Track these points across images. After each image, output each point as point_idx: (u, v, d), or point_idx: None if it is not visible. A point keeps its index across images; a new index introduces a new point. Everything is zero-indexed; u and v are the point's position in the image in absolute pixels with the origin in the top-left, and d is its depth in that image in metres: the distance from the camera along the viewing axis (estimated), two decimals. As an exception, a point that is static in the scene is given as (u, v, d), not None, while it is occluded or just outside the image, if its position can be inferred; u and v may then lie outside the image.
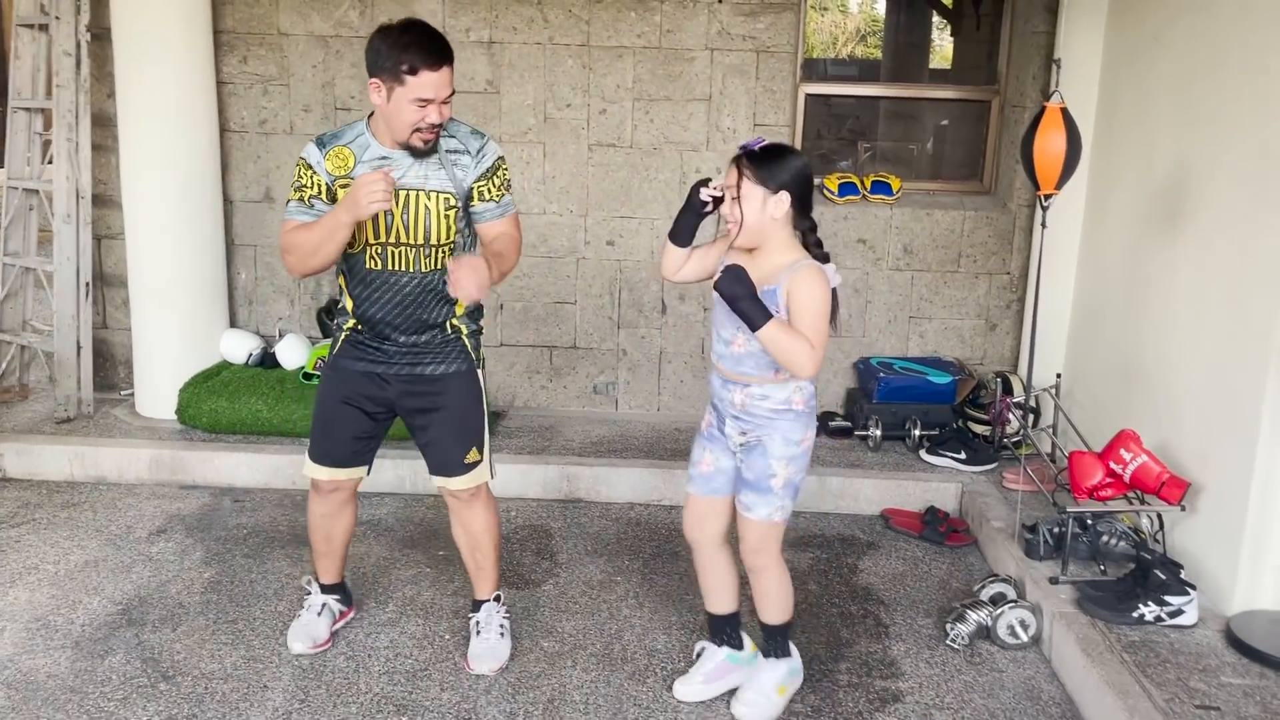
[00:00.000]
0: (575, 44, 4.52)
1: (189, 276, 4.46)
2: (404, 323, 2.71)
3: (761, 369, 2.49)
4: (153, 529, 3.75)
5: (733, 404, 2.55)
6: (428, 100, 2.49)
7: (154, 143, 4.31)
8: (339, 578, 3.11)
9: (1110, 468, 3.21)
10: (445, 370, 2.78)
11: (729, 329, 2.50)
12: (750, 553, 2.61)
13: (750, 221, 2.41)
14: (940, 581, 3.52)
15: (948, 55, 5.74)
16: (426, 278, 2.69)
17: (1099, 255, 4.06)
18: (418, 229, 2.63)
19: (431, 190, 2.62)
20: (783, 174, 2.40)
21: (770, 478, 2.53)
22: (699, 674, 2.80)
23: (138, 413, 4.55)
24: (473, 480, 2.85)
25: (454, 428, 2.81)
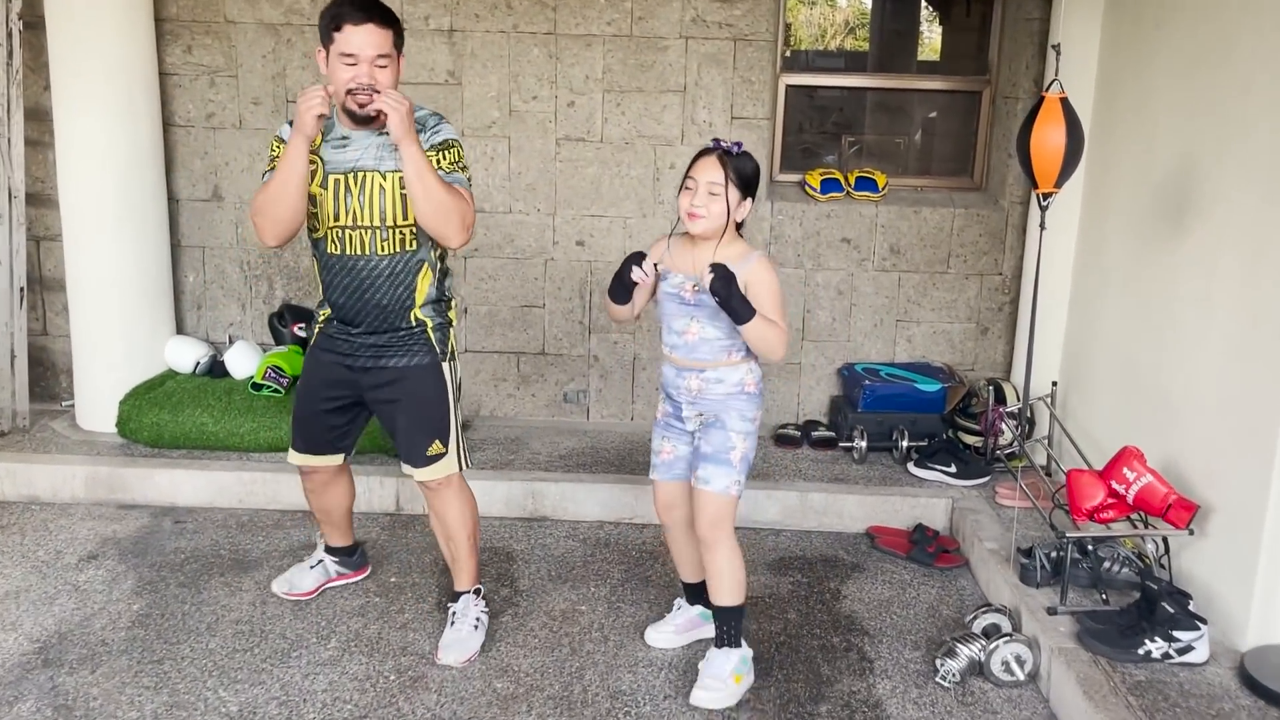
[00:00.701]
0: (541, 32, 4.26)
1: (130, 280, 4.18)
2: (363, 308, 2.73)
3: (715, 353, 2.64)
4: (83, 554, 3.48)
5: (688, 390, 2.69)
6: (353, 56, 2.52)
7: (91, 138, 4.03)
8: (346, 542, 3.27)
9: (1112, 487, 2.97)
10: (408, 363, 2.80)
11: (680, 320, 2.65)
12: (706, 526, 2.68)
13: (724, 220, 2.56)
14: (929, 608, 3.28)
15: (936, 45, 5.48)
16: (384, 261, 2.70)
17: (1097, 256, 3.82)
18: (373, 210, 2.65)
19: (387, 170, 2.64)
20: (754, 180, 2.61)
21: (729, 450, 2.65)
22: (671, 624, 3.02)
23: (78, 425, 4.27)
24: (437, 472, 2.86)
25: (414, 419, 2.82)
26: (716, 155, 2.55)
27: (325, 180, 2.68)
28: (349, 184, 2.65)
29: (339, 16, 2.51)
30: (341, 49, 2.52)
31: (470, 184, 2.72)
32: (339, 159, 2.67)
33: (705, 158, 2.57)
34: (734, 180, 2.54)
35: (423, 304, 2.79)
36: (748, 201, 2.61)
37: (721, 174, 2.53)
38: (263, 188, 2.66)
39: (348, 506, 3.20)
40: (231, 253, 4.52)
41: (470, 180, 2.74)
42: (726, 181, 2.53)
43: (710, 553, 2.70)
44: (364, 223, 2.66)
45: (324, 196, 2.68)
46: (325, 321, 2.86)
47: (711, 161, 2.55)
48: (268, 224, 2.66)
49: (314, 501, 3.14)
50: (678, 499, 2.84)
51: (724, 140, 2.59)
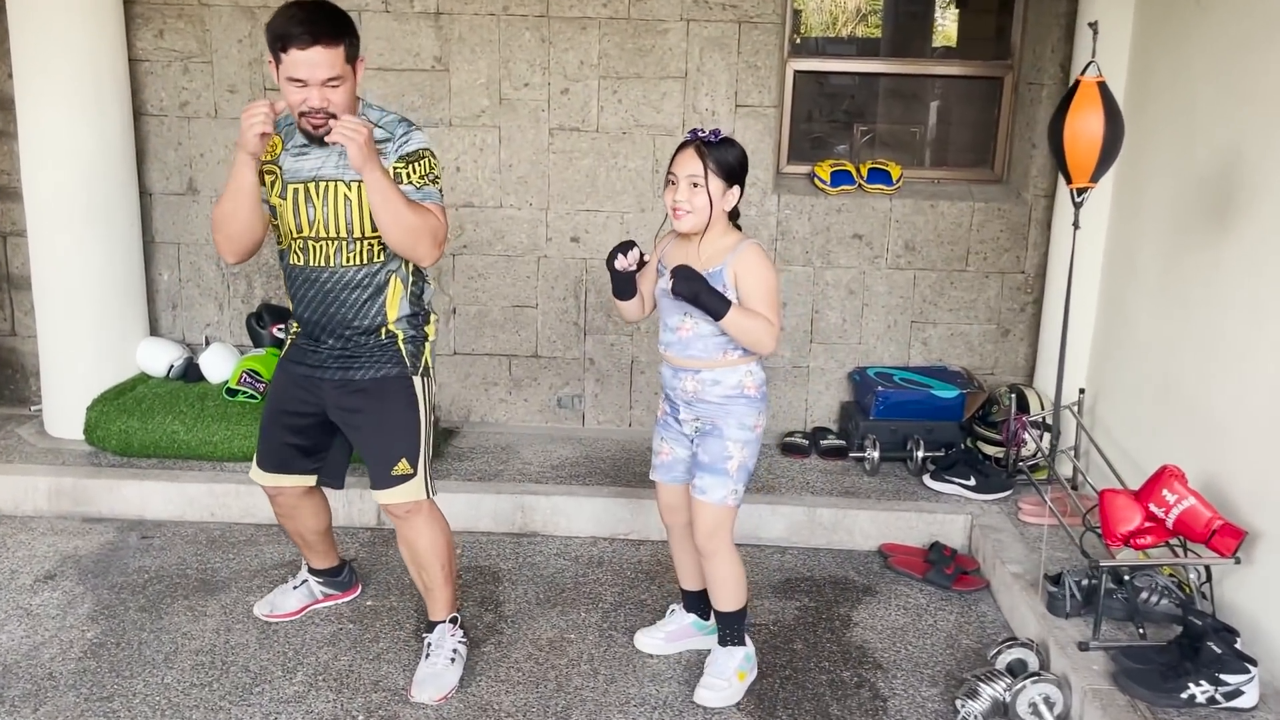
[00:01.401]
0: (533, 14, 4.00)
1: (100, 278, 3.95)
2: (329, 323, 2.56)
3: (710, 351, 2.53)
4: (40, 574, 3.25)
5: (685, 391, 2.58)
6: (300, 80, 2.32)
7: (56, 128, 3.79)
8: (329, 563, 3.06)
9: (1150, 510, 2.71)
10: (374, 375, 2.61)
11: (675, 316, 2.55)
12: (703, 537, 2.60)
13: (709, 212, 2.46)
14: (948, 638, 3.03)
15: (953, 29, 5.19)
16: (348, 274, 2.52)
17: (1128, 254, 3.54)
18: (339, 221, 2.46)
19: (353, 180, 2.44)
20: (737, 167, 2.48)
21: (726, 460, 2.55)
22: (663, 630, 2.92)
23: (45, 432, 4.05)
24: (403, 495, 2.64)
25: (378, 435, 2.63)
26: (694, 146, 2.46)
27: (284, 190, 2.47)
28: (310, 194, 2.46)
29: (283, 39, 2.29)
30: (289, 73, 2.32)
31: (442, 195, 2.53)
32: (298, 167, 2.47)
33: (683, 150, 2.48)
34: (715, 170, 2.44)
35: (395, 320, 2.60)
36: (735, 190, 2.50)
37: (700, 165, 2.43)
38: (216, 203, 2.49)
39: (323, 528, 2.97)
40: (208, 249, 4.28)
41: (442, 191, 2.54)
42: (706, 172, 2.43)
43: (709, 562, 2.64)
44: (327, 234, 2.47)
45: (283, 208, 2.48)
46: (294, 333, 2.67)
47: (689, 154, 2.46)
48: (224, 241, 2.50)
49: (285, 525, 2.93)
50: (679, 502, 2.74)
51: (701, 129, 2.48)
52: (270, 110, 2.32)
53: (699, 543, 2.62)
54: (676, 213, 2.47)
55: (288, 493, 2.81)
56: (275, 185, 2.49)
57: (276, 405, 2.72)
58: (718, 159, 2.44)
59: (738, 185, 2.49)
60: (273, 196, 2.49)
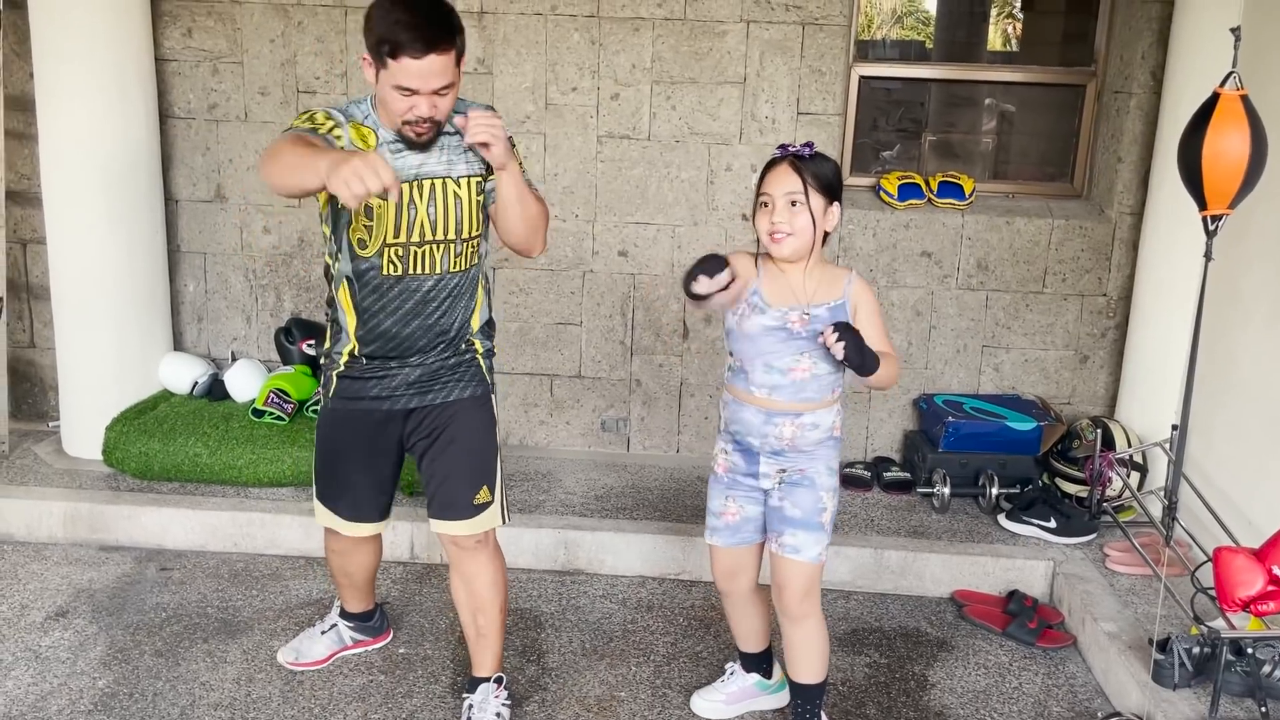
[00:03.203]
0: (583, 14, 3.74)
1: (121, 289, 3.74)
2: (419, 338, 2.35)
3: (823, 391, 2.32)
4: (52, 610, 3.04)
5: (779, 439, 2.32)
6: (411, 90, 2.12)
7: (78, 131, 3.59)
8: (365, 606, 2.84)
9: (1274, 573, 2.42)
10: (459, 396, 2.41)
11: (788, 356, 2.28)
12: (795, 601, 2.36)
13: (811, 234, 2.24)
14: (1036, 703, 2.75)
15: (1029, 32, 4.90)
16: (454, 280, 2.34)
17: (1232, 281, 3.24)
18: (449, 222, 2.28)
19: (460, 176, 2.28)
20: (836, 182, 2.28)
21: (820, 512, 2.35)
22: (723, 692, 2.68)
23: (63, 451, 3.84)
24: (481, 525, 2.44)
25: (464, 461, 2.42)
26: (789, 161, 2.24)
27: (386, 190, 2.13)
28: (414, 194, 2.24)
29: (396, 47, 2.07)
30: (398, 82, 2.11)
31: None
32: (400, 165, 2.22)
33: (776, 168, 2.26)
34: (815, 186, 2.22)
35: (478, 328, 2.45)
36: (835, 207, 2.28)
37: (799, 181, 2.21)
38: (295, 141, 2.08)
39: (374, 567, 2.77)
40: (235, 260, 4.06)
41: None
42: (806, 189, 2.21)
43: (798, 627, 2.40)
44: (434, 237, 2.27)
45: (384, 209, 2.23)
46: (348, 363, 2.38)
47: (784, 170, 2.24)
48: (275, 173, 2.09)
49: (337, 563, 2.70)
50: (744, 565, 2.49)
51: (791, 144, 2.27)
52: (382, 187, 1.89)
53: (788, 606, 2.37)
54: (775, 237, 2.23)
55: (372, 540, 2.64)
56: None
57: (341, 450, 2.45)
58: (816, 173, 2.22)
59: (837, 203, 2.28)
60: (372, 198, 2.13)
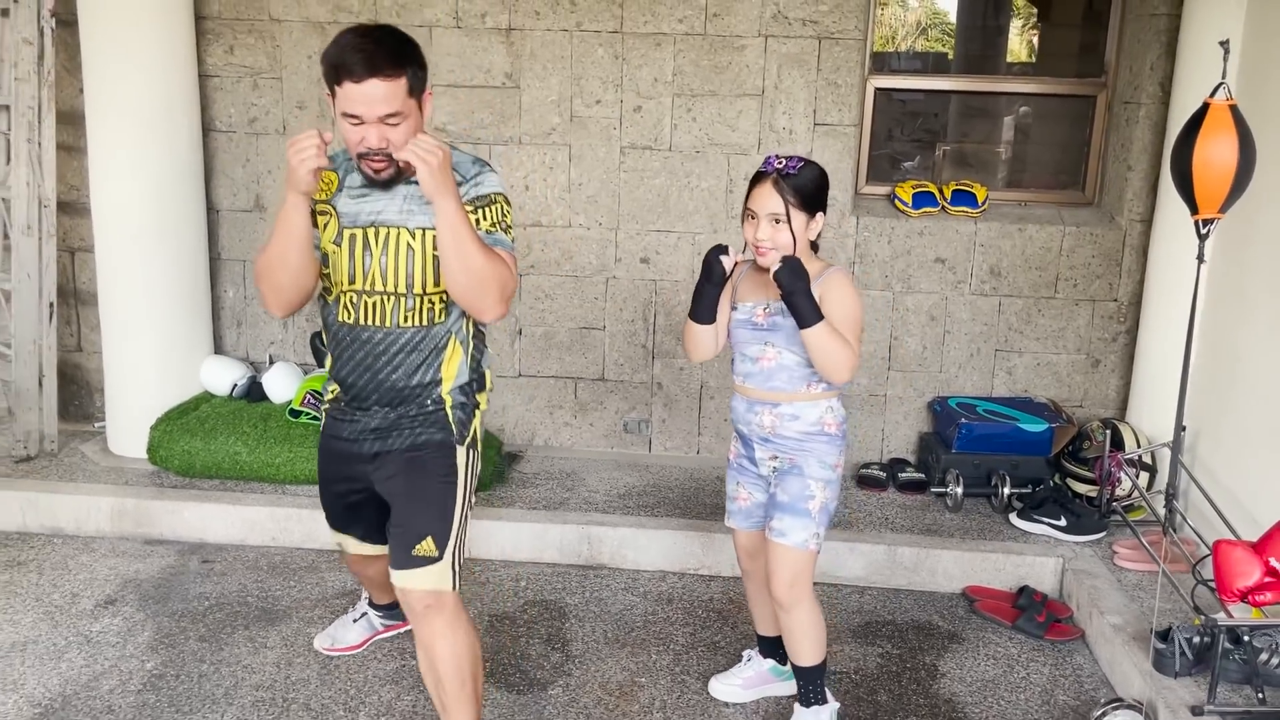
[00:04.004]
0: (606, 30, 3.89)
1: (166, 295, 3.91)
2: (376, 390, 2.26)
3: (794, 383, 2.41)
4: (101, 598, 3.20)
5: (760, 426, 2.45)
6: (356, 117, 2.06)
7: (125, 143, 3.77)
8: (391, 599, 2.84)
9: (1271, 565, 2.50)
10: (414, 441, 2.30)
11: (755, 345, 2.43)
12: (782, 586, 2.42)
13: (794, 249, 2.33)
14: (1043, 692, 2.84)
15: (1039, 44, 5.00)
16: (406, 335, 2.22)
17: (1237, 285, 3.33)
18: (398, 274, 2.18)
19: (416, 227, 2.18)
20: (818, 193, 2.36)
21: (808, 499, 2.41)
22: (739, 677, 2.78)
23: (109, 450, 4.02)
24: (421, 581, 2.24)
25: (408, 507, 2.28)
26: (772, 181, 2.32)
27: (340, 235, 2.20)
28: (368, 241, 2.18)
29: (339, 69, 2.03)
30: (343, 108, 2.06)
31: (514, 245, 2.25)
32: (356, 210, 2.20)
33: (760, 184, 2.34)
34: (795, 203, 2.31)
35: (451, 388, 2.31)
36: (819, 217, 2.37)
37: (780, 202, 2.30)
38: (261, 249, 2.22)
39: None
40: (273, 267, 4.22)
41: (514, 241, 2.26)
42: (788, 208, 2.31)
43: (787, 614, 2.46)
44: (384, 288, 2.19)
45: (336, 255, 2.20)
46: (332, 401, 2.38)
47: (767, 189, 2.32)
48: (270, 292, 2.21)
49: (355, 567, 2.74)
50: (760, 547, 2.58)
51: (777, 157, 2.34)
52: (320, 141, 2.05)
53: (777, 592, 2.44)
54: (759, 250, 2.34)
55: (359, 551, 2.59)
56: (329, 229, 2.21)
57: (332, 487, 2.45)
58: (798, 190, 2.31)
59: (820, 212, 2.37)
60: (325, 242, 2.22)
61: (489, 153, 4.00)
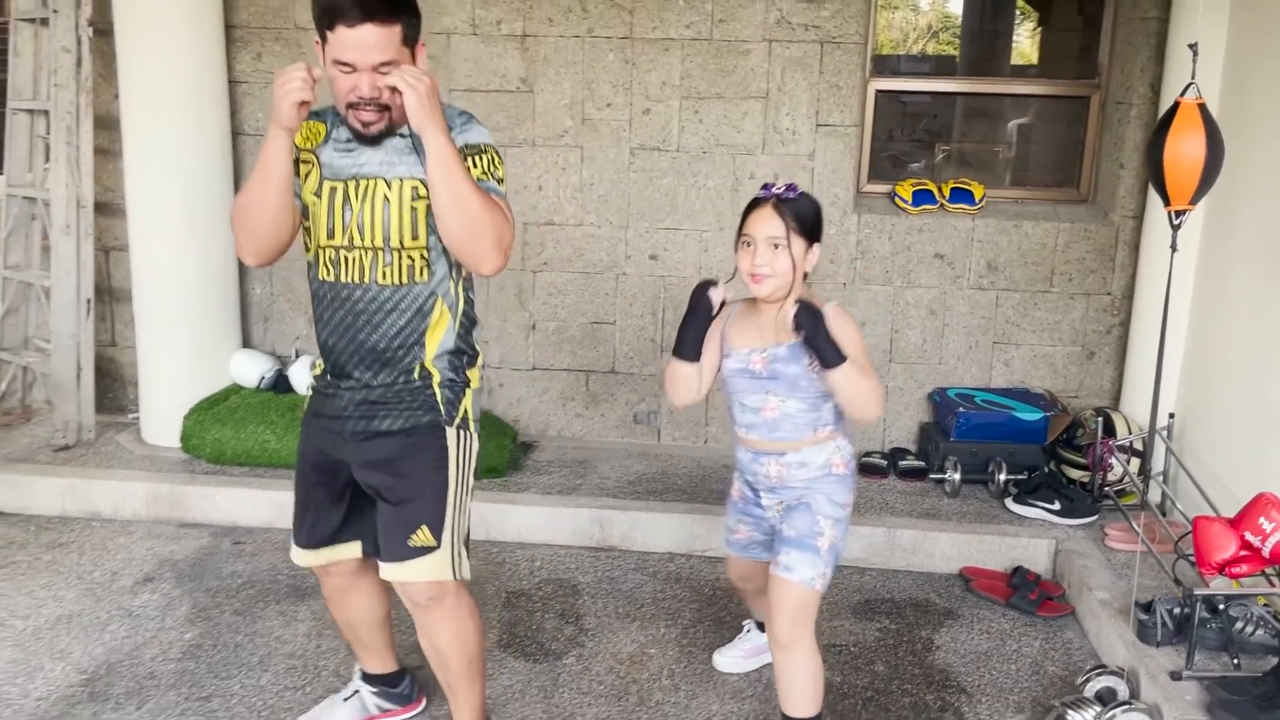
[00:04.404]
0: (617, 36, 4.06)
1: (197, 291, 4.10)
2: (356, 353, 2.16)
3: (800, 430, 2.31)
4: (139, 576, 3.38)
5: (768, 477, 2.37)
6: (348, 64, 1.97)
7: (159, 147, 3.95)
8: (386, 668, 2.58)
9: (1246, 539, 2.64)
10: (402, 425, 2.18)
11: (755, 395, 2.33)
12: (785, 624, 2.28)
13: (791, 276, 2.26)
14: (1033, 664, 2.99)
15: (1035, 47, 5.15)
16: (385, 293, 2.12)
17: (1221, 278, 3.47)
18: (375, 226, 2.08)
19: (394, 177, 2.09)
20: (816, 223, 2.30)
21: (817, 535, 2.31)
22: (739, 648, 2.90)
23: (143, 439, 4.21)
24: (420, 572, 2.15)
25: (398, 496, 2.17)
26: (771, 204, 2.25)
27: (320, 187, 2.12)
28: (349, 194, 2.09)
29: (332, 14, 1.95)
30: (335, 54, 1.98)
31: (507, 199, 2.13)
32: (340, 164, 2.12)
33: (759, 209, 2.26)
34: (796, 229, 2.23)
35: (435, 355, 2.19)
36: (815, 248, 2.30)
37: (781, 225, 2.23)
38: (241, 190, 2.12)
39: (380, 618, 2.51)
40: (298, 265, 4.34)
41: (506, 196, 2.15)
42: (788, 232, 2.23)
43: (786, 655, 2.30)
44: (363, 242, 2.09)
45: (316, 207, 2.13)
46: (318, 378, 2.28)
47: (767, 212, 2.24)
48: (244, 237, 2.10)
49: (335, 614, 2.51)
50: (755, 573, 2.60)
51: (775, 184, 2.28)
52: (308, 75, 1.93)
53: (778, 632, 2.29)
54: (755, 278, 2.24)
55: (336, 571, 2.38)
56: (310, 178, 2.12)
57: (306, 465, 2.30)
58: (798, 215, 2.24)
59: (817, 244, 2.30)
60: (305, 192, 2.13)
61: (504, 156, 4.16)
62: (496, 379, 4.37)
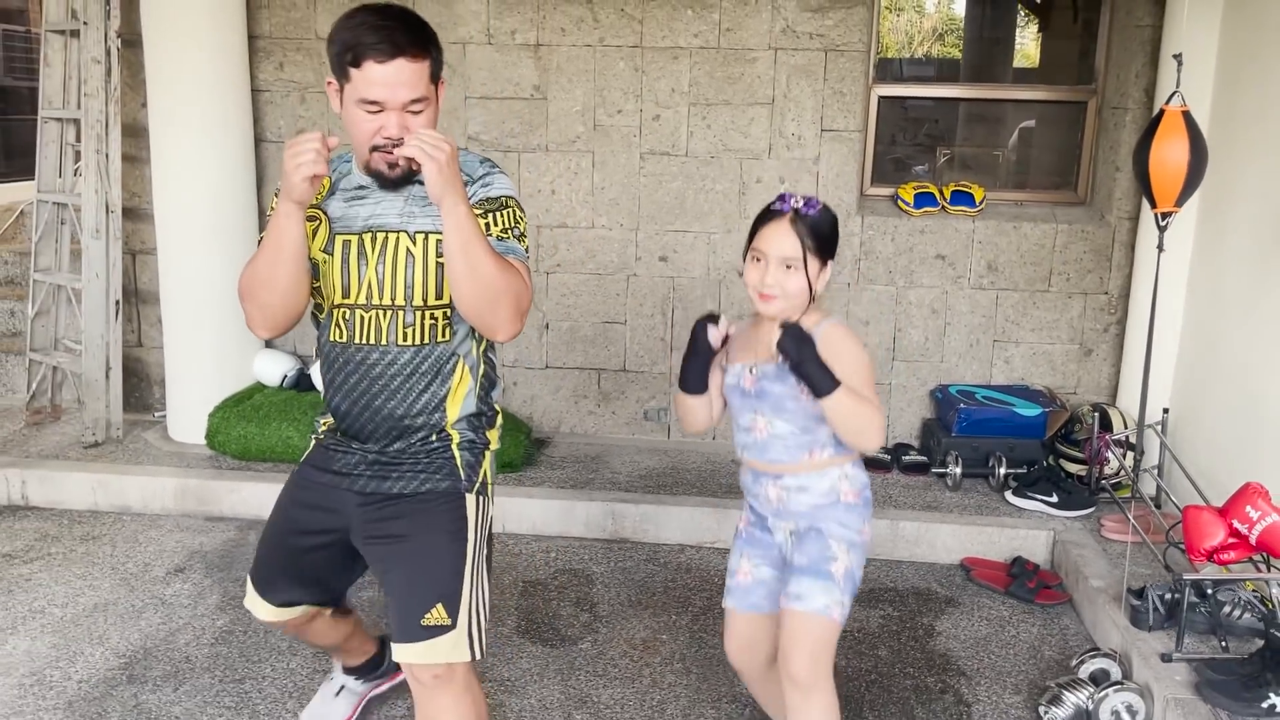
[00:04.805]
0: (627, 45, 4.20)
1: (222, 293, 4.21)
2: (373, 421, 2.03)
3: (791, 452, 2.12)
4: (171, 567, 3.51)
5: (769, 500, 2.18)
6: (376, 104, 1.85)
7: (185, 154, 4.10)
8: (365, 657, 2.59)
9: (1234, 527, 2.76)
10: (418, 488, 2.04)
11: (747, 414, 2.16)
12: (801, 661, 2.04)
13: (804, 299, 2.07)
14: (1030, 648, 3.11)
15: (1034, 53, 5.27)
16: (405, 355, 1.99)
17: (1214, 279, 3.59)
18: (396, 283, 1.95)
19: (417, 231, 1.95)
20: (834, 242, 2.11)
21: (830, 560, 2.10)
22: None
23: (170, 437, 4.35)
24: (434, 655, 1.95)
25: (411, 569, 2.00)
26: (789, 219, 2.04)
27: (330, 243, 1.98)
28: (364, 247, 1.96)
29: (357, 50, 1.83)
30: (362, 94, 1.85)
31: (528, 255, 2.01)
32: (351, 215, 1.98)
33: (774, 222, 2.05)
34: (812, 247, 2.04)
35: (456, 420, 2.07)
36: (830, 267, 2.10)
37: (797, 244, 2.03)
38: (249, 262, 1.97)
39: (347, 633, 2.47)
40: (318, 267, 4.55)
41: (528, 250, 2.03)
42: (804, 251, 2.03)
43: (803, 698, 2.06)
44: (381, 301, 1.96)
45: (328, 265, 1.98)
46: (326, 433, 2.16)
47: (782, 228, 2.04)
48: (254, 310, 1.97)
49: (300, 637, 2.42)
50: (756, 636, 2.26)
51: (793, 196, 2.06)
52: (322, 146, 1.80)
53: (795, 669, 2.05)
54: (764, 297, 2.05)
55: (292, 623, 2.30)
56: (319, 235, 1.99)
57: (284, 522, 2.18)
58: (816, 234, 2.04)
59: (831, 259, 2.11)
60: (314, 250, 1.99)
61: (518, 160, 4.31)
62: (511, 378, 4.50)
